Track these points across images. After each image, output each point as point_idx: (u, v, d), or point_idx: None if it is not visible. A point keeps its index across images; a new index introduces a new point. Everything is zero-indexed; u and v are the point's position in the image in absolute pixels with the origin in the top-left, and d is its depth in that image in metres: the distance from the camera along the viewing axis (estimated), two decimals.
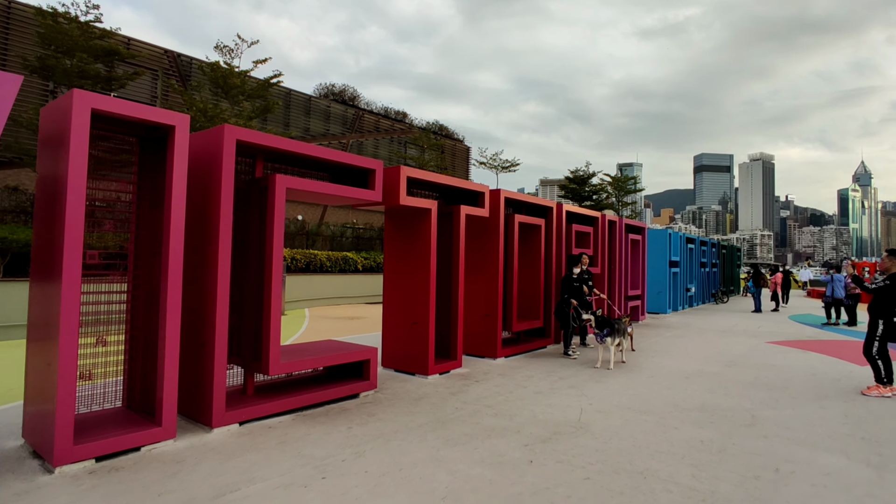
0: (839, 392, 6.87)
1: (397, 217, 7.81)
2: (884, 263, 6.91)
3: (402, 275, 7.66)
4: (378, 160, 6.56)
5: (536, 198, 9.99)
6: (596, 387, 6.92)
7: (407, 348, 7.53)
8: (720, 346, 10.47)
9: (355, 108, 31.74)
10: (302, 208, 25.83)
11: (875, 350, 6.64)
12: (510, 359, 8.79)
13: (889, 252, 6.91)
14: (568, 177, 32.83)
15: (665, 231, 16.98)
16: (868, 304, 6.92)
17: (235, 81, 15.93)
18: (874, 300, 6.77)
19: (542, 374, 7.62)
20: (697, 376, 7.66)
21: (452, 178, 8.02)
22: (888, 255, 6.89)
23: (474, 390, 6.66)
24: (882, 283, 6.70)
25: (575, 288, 9.12)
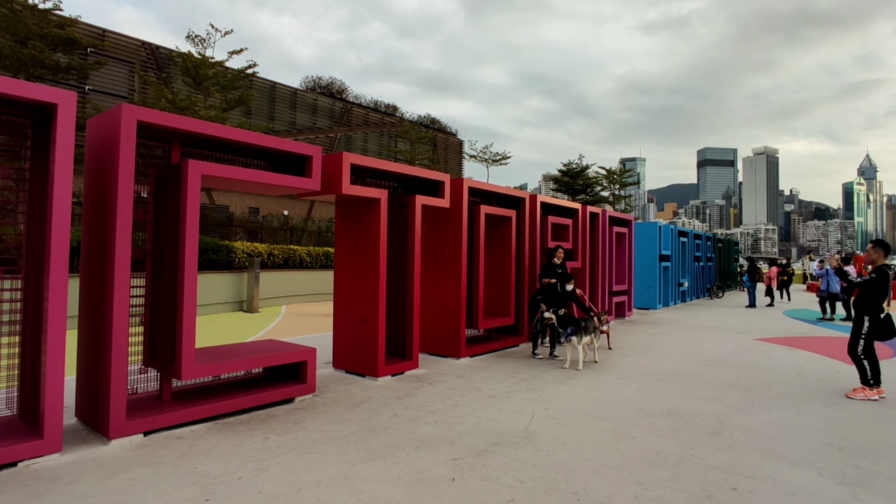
0: (823, 394, 6.31)
1: (346, 208, 7.28)
2: (869, 255, 6.34)
3: (351, 269, 7.13)
4: (316, 146, 6.02)
5: (506, 188, 9.44)
6: (557, 390, 6.38)
7: (357, 348, 7.01)
8: (704, 344, 9.91)
9: (343, 101, 31.13)
10: (288, 204, 25.36)
11: (860, 349, 6.08)
12: (475, 358, 8.26)
13: (874, 243, 6.35)
14: (561, 170, 32.15)
15: (654, 224, 16.40)
16: (854, 299, 6.36)
17: (208, 72, 15.38)
18: (860, 295, 6.21)
19: (502, 376, 7.09)
20: (672, 377, 7.11)
21: (407, 166, 7.48)
22: (873, 246, 6.32)
23: (423, 394, 6.13)
24: (868, 276, 6.14)
25: (547, 284, 8.55)
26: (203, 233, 19.56)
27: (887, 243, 6.37)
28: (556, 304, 9.29)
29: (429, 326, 8.48)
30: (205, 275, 13.45)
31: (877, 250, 6.27)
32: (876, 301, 6.02)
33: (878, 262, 6.23)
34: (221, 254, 13.99)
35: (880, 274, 6.02)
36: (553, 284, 8.58)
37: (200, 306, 13.32)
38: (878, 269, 6.11)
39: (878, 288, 6.00)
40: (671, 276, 17.39)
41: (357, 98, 32.16)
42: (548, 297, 8.47)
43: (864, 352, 6.08)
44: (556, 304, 9.29)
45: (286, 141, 5.75)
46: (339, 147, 30.62)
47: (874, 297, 6.02)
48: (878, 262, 6.24)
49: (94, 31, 19.63)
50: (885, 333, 6.07)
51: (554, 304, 9.26)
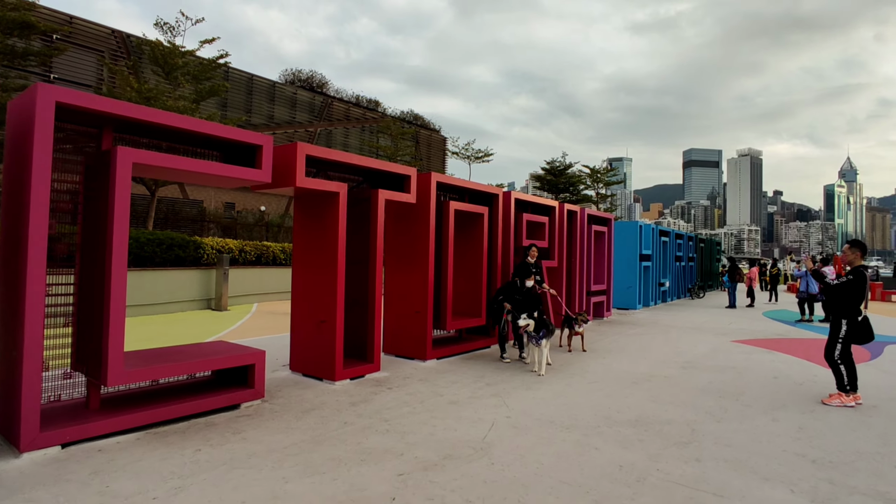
0: (799, 400, 6.07)
1: (305, 202, 6.89)
2: (846, 256, 6.09)
3: (309, 267, 6.74)
4: (266, 135, 5.62)
5: (478, 184, 9.11)
6: (524, 395, 6.06)
7: (314, 350, 6.63)
8: (682, 346, 9.67)
9: (324, 95, 30.52)
10: (266, 199, 24.82)
11: (837, 353, 5.83)
12: (442, 361, 7.91)
13: (851, 244, 6.11)
14: (544, 168, 31.87)
15: (635, 223, 16.18)
16: (830, 301, 6.11)
17: (177, 61, 14.81)
18: (837, 297, 5.95)
19: (468, 380, 6.75)
20: (645, 381, 6.83)
21: (370, 158, 7.10)
22: (850, 247, 6.08)
23: (380, 399, 5.77)
24: (846, 278, 5.88)
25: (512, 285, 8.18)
26: (174, 228, 19.00)
27: (864, 244, 6.14)
28: (529, 306, 8.98)
29: (395, 327, 8.13)
30: (170, 272, 12.96)
31: (854, 251, 6.04)
32: (854, 303, 5.77)
33: (856, 263, 5.99)
34: (189, 250, 13.48)
35: (857, 275, 5.78)
36: (519, 286, 8.21)
37: (166, 304, 12.84)
38: (856, 270, 5.87)
39: (856, 290, 5.75)
40: (652, 276, 17.21)
41: (338, 92, 31.54)
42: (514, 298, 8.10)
43: (841, 356, 5.84)
44: (529, 305, 8.98)
45: (231, 128, 5.35)
46: (320, 142, 29.98)
47: (852, 300, 5.77)
48: (854, 262, 6.00)
49: (60, 17, 18.85)
50: (863, 336, 5.83)
51: (527, 305, 8.95)
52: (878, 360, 8.73)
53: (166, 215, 18.57)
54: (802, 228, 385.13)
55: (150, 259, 12.60)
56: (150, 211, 14.97)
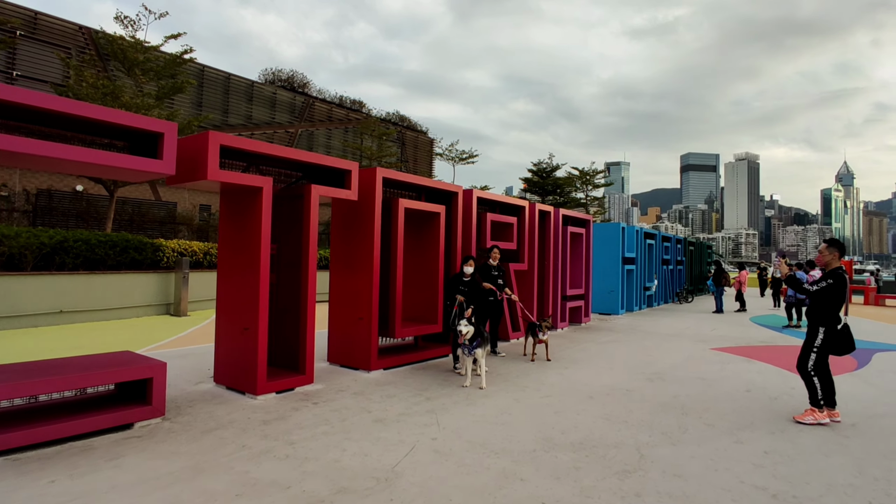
0: (770, 416, 5.45)
1: (229, 199, 6.29)
2: (822, 257, 5.48)
3: (234, 269, 6.12)
4: (171, 122, 5.01)
5: (435, 181, 8.51)
6: (462, 412, 5.43)
7: (237, 361, 6.00)
8: (656, 354, 9.05)
9: (305, 95, 29.86)
10: None
11: (811, 364, 5.22)
12: (389, 371, 7.28)
13: (829, 243, 5.49)
14: (531, 170, 31.24)
15: (617, 224, 15.58)
16: (807, 308, 5.49)
17: (137, 56, 14.19)
18: (814, 303, 5.34)
19: (408, 393, 6.12)
20: (604, 395, 6.21)
21: (301, 151, 6.48)
22: (827, 247, 5.47)
23: (298, 417, 5.14)
24: (824, 283, 5.26)
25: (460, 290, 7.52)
26: (141, 230, 18.37)
27: (842, 243, 5.53)
28: (489, 311, 8.39)
29: (340, 335, 7.52)
30: (125, 275, 12.32)
31: (831, 251, 5.42)
32: (833, 309, 5.16)
33: (833, 265, 5.38)
34: (146, 252, 12.84)
35: (837, 279, 5.16)
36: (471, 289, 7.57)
37: (120, 309, 12.19)
38: (835, 273, 5.25)
39: (835, 294, 5.14)
40: (635, 280, 16.60)
41: (320, 93, 30.84)
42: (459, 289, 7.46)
43: (815, 367, 5.22)
44: (489, 310, 8.39)
45: (124, 113, 4.73)
46: (301, 143, 29.36)
47: (830, 305, 5.16)
48: (832, 264, 5.39)
49: (25, 13, 18.26)
50: (843, 346, 5.21)
51: (487, 310, 8.36)
52: (864, 369, 8.12)
53: (132, 217, 17.94)
54: (800, 232, 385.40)
55: (102, 262, 11.96)
56: (109, 212, 14.34)
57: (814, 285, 5.27)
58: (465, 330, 6.51)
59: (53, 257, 11.14)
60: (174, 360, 7.86)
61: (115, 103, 13.22)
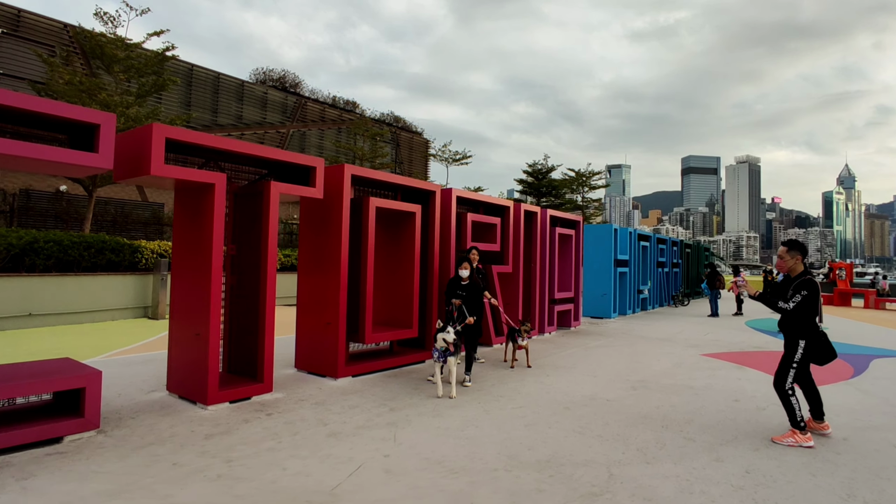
0: (755, 430, 5.07)
1: (182, 196, 5.94)
2: (784, 262, 5.00)
3: (187, 271, 5.77)
4: (109, 114, 4.68)
5: (411, 179, 8.15)
6: (426, 424, 5.06)
7: (189, 368, 5.64)
8: (643, 360, 8.67)
9: (297, 95, 29.51)
10: None
11: (790, 382, 4.77)
12: (358, 379, 6.91)
13: (789, 245, 5.00)
14: (526, 171, 30.86)
15: (609, 226, 15.21)
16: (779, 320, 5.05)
17: (116, 53, 13.84)
18: (790, 316, 4.88)
19: (372, 403, 5.75)
20: (581, 406, 5.83)
21: (259, 146, 6.13)
22: (788, 250, 4.99)
23: (246, 431, 4.77)
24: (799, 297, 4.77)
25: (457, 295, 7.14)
26: (124, 232, 18.03)
27: (803, 244, 5.10)
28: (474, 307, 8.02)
29: (308, 340, 7.16)
30: (100, 277, 11.97)
31: (793, 254, 4.94)
32: (809, 319, 4.76)
33: (798, 270, 4.92)
34: (124, 254, 12.49)
35: (810, 287, 4.72)
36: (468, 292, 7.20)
37: (95, 312, 11.83)
38: (807, 282, 4.75)
39: (811, 303, 4.74)
40: (629, 283, 16.22)
41: (313, 93, 30.48)
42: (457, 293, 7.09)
43: (793, 383, 4.81)
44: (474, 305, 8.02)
45: (53, 103, 4.38)
46: (292, 144, 29.01)
47: (807, 315, 4.75)
48: (796, 269, 4.94)
49: (8, 12, 17.97)
50: (824, 355, 4.79)
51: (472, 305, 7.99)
52: (860, 377, 7.74)
53: (114, 218, 17.60)
54: (801, 235, 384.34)
55: (76, 263, 11.61)
56: (87, 213, 13.99)
57: (790, 302, 4.83)
58: (452, 339, 6.14)
59: (23, 258, 10.79)
60: (136, 365, 7.51)
61: (91, 101, 12.88)
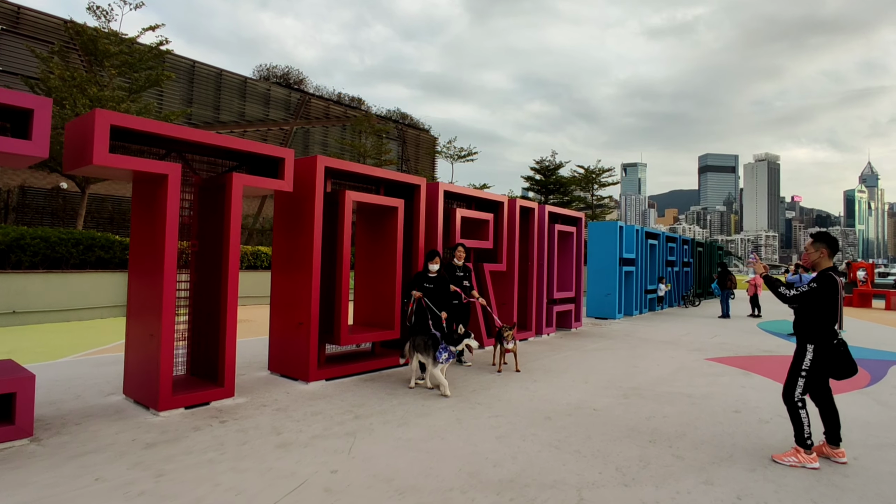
0: (754, 446, 4.58)
1: (138, 189, 5.61)
2: (808, 256, 4.52)
3: (143, 268, 5.43)
4: (44, 98, 4.33)
5: (393, 172, 7.74)
6: (388, 434, 4.64)
7: (144, 371, 5.30)
8: (642, 365, 8.17)
9: (301, 91, 29.27)
10: None
11: (799, 392, 4.26)
12: (332, 382, 6.53)
13: (816, 237, 4.52)
14: (533, 167, 30.22)
15: (614, 223, 14.66)
16: (793, 321, 4.54)
17: (108, 47, 13.63)
18: (800, 314, 4.40)
19: (336, 410, 5.35)
20: (565, 416, 5.37)
21: (220, 136, 5.76)
22: (813, 242, 4.49)
23: (192, 440, 4.40)
24: (806, 287, 4.29)
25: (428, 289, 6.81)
26: (120, 229, 17.89)
27: (833, 238, 4.53)
28: (453, 316, 7.62)
29: (281, 341, 6.80)
30: (89, 274, 11.76)
31: (818, 247, 4.42)
32: (822, 321, 4.24)
33: (823, 266, 4.39)
34: (114, 251, 12.28)
35: (824, 282, 4.20)
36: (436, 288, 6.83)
37: (83, 310, 11.63)
38: (823, 275, 4.28)
39: (824, 302, 4.22)
40: (635, 282, 15.64)
41: (318, 89, 30.20)
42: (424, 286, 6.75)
43: (809, 396, 4.30)
44: (453, 315, 7.62)
45: None
46: (296, 141, 28.77)
47: (819, 316, 4.24)
48: (821, 264, 4.41)
49: (8, 8, 17.97)
50: (841, 368, 4.21)
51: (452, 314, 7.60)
52: (876, 385, 7.16)
53: (111, 215, 17.48)
54: None
55: (64, 260, 11.41)
56: (80, 209, 13.82)
57: (792, 289, 4.32)
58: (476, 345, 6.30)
59: (9, 255, 10.59)
60: (106, 366, 7.22)
61: (82, 97, 12.66)
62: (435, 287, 6.80)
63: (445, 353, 6.18)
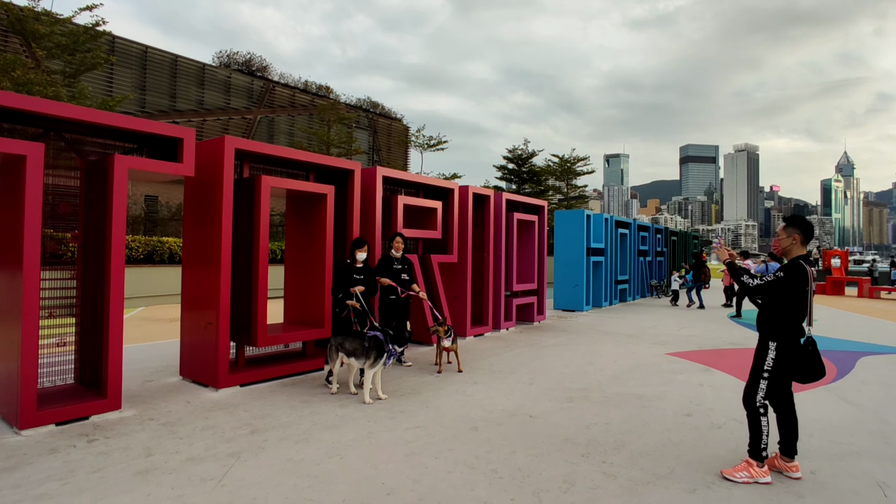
0: (700, 460, 4.02)
1: (5, 171, 4.86)
2: (779, 242, 3.94)
3: (7, 266, 4.69)
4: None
5: (322, 156, 7.04)
6: (281, 453, 3.99)
7: (6, 383, 4.58)
8: (598, 362, 7.62)
9: (264, 79, 28.17)
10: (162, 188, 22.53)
11: (760, 396, 3.70)
12: (248, 388, 5.85)
13: (789, 221, 3.95)
14: (506, 157, 29.56)
15: (581, 212, 14.10)
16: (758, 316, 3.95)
17: (38, 27, 12.62)
18: (763, 307, 3.84)
19: (233, 424, 4.68)
20: (495, 426, 4.77)
21: (99, 112, 5.03)
22: (785, 227, 3.93)
23: (38, 466, 3.70)
24: (771, 277, 3.73)
25: (354, 281, 6.17)
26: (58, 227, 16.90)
27: (808, 222, 3.90)
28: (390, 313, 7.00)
29: (191, 344, 6.10)
30: None
31: (791, 232, 3.82)
32: (789, 316, 3.66)
33: (794, 254, 3.81)
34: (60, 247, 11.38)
35: (793, 272, 3.62)
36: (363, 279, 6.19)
37: None
38: (792, 264, 3.71)
39: (792, 295, 3.64)
40: (604, 273, 15.14)
41: (282, 77, 29.11)
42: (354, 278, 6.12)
43: (769, 401, 3.73)
44: (390, 311, 7.00)
45: None
46: (260, 131, 27.65)
47: (785, 310, 3.67)
48: (792, 252, 3.84)
49: None
50: (808, 371, 3.61)
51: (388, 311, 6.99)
52: (843, 380, 6.69)
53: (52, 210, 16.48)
54: None
55: None
56: None
57: (754, 278, 3.76)
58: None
59: None
60: None
61: (3, 79, 11.67)
62: (365, 280, 6.18)
63: (393, 356, 5.56)
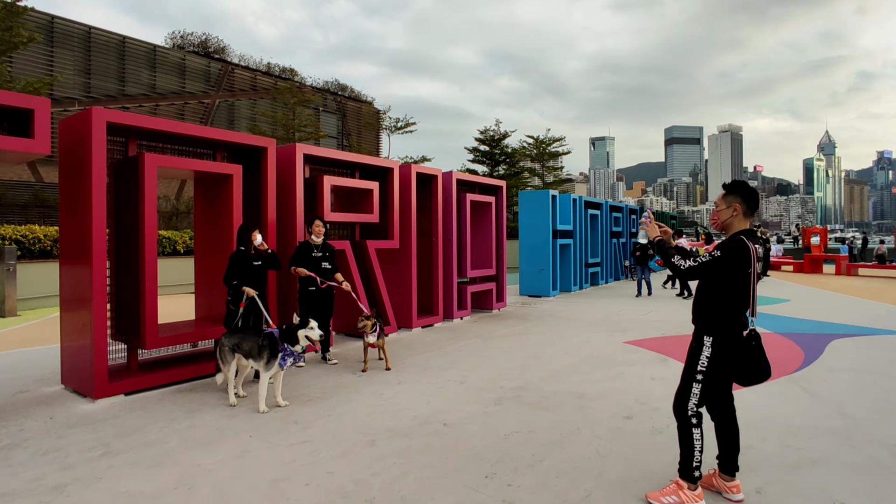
0: (627, 478, 3.39)
1: None
2: (719, 214, 3.23)
3: None
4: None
5: (228, 132, 6.25)
6: (121, 483, 3.29)
7: None
8: (546, 354, 6.99)
9: (222, 61, 26.92)
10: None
11: (692, 402, 3.04)
12: (133, 397, 5.12)
13: (728, 188, 3.24)
14: (477, 138, 28.67)
15: (546, 192, 13.42)
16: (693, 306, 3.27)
17: None
18: (698, 294, 3.16)
19: (83, 446, 3.94)
20: (399, 438, 4.09)
21: None
22: (724, 196, 3.21)
23: None
24: (708, 257, 3.04)
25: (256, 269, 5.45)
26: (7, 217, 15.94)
27: (752, 189, 3.15)
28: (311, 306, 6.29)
29: (70, 348, 5.35)
30: None
31: (731, 201, 3.10)
32: (726, 304, 2.98)
33: (735, 228, 3.12)
34: None
35: (732, 251, 2.93)
36: None
37: None
38: (731, 241, 3.01)
39: (730, 278, 2.96)
40: (573, 256, 14.52)
41: (242, 59, 27.88)
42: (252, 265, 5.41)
43: (700, 407, 3.08)
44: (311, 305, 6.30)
45: None
46: (219, 116, 26.53)
47: (722, 297, 3.00)
48: (733, 226, 3.15)
49: None
50: (750, 371, 2.92)
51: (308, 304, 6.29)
52: (810, 368, 6.13)
53: None
54: (783, 203, 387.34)
55: None
56: None
57: (687, 258, 3.07)
58: (318, 336, 4.75)
59: None
60: None
61: None
62: (263, 265, 5.49)
63: (291, 357, 4.82)
